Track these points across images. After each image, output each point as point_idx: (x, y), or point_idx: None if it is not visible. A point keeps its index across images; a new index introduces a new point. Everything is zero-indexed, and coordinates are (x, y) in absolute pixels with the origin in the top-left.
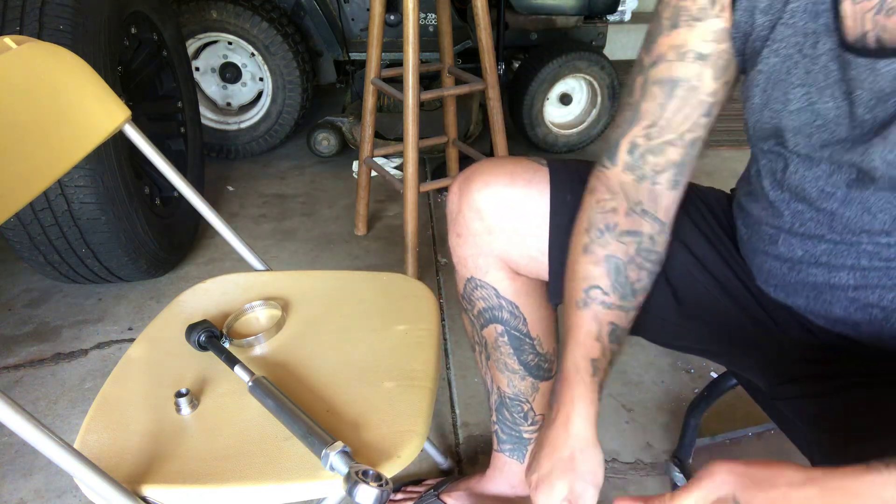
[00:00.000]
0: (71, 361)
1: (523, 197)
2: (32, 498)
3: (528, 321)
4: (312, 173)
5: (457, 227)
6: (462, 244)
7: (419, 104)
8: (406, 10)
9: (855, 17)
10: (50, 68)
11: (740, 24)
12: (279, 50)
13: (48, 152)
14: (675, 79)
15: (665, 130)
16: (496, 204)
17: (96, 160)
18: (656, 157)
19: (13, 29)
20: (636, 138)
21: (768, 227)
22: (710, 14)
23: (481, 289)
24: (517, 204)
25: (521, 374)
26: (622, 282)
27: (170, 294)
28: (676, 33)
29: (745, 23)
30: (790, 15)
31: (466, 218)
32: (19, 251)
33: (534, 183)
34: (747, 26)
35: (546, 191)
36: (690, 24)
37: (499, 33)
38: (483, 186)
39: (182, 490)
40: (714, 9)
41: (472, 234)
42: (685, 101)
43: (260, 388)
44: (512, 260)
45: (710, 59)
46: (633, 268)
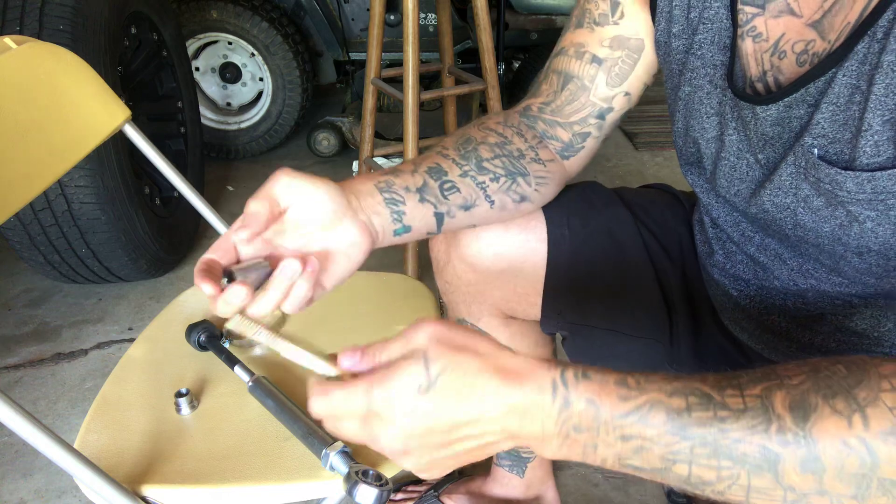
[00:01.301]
0: (71, 361)
1: (520, 245)
2: (32, 498)
3: None
4: (312, 173)
5: (445, 275)
6: (452, 291)
7: (419, 104)
8: (406, 10)
9: (756, 57)
10: (50, 68)
11: (660, 42)
12: (279, 50)
13: (48, 152)
14: (570, 73)
15: (556, 114)
16: (490, 255)
17: (96, 160)
18: (547, 125)
19: (13, 29)
20: (532, 106)
21: (707, 264)
22: (609, 21)
23: None
24: (514, 253)
25: None
26: (468, 148)
27: (170, 294)
28: (580, 32)
29: (664, 43)
30: (698, 46)
31: (457, 270)
32: (19, 251)
33: (529, 228)
34: (666, 46)
35: (543, 234)
36: (591, 27)
37: (499, 33)
38: (474, 238)
39: (182, 490)
40: (614, 16)
41: (465, 284)
42: (575, 95)
43: (260, 388)
44: (508, 307)
45: (605, 65)
46: (485, 147)
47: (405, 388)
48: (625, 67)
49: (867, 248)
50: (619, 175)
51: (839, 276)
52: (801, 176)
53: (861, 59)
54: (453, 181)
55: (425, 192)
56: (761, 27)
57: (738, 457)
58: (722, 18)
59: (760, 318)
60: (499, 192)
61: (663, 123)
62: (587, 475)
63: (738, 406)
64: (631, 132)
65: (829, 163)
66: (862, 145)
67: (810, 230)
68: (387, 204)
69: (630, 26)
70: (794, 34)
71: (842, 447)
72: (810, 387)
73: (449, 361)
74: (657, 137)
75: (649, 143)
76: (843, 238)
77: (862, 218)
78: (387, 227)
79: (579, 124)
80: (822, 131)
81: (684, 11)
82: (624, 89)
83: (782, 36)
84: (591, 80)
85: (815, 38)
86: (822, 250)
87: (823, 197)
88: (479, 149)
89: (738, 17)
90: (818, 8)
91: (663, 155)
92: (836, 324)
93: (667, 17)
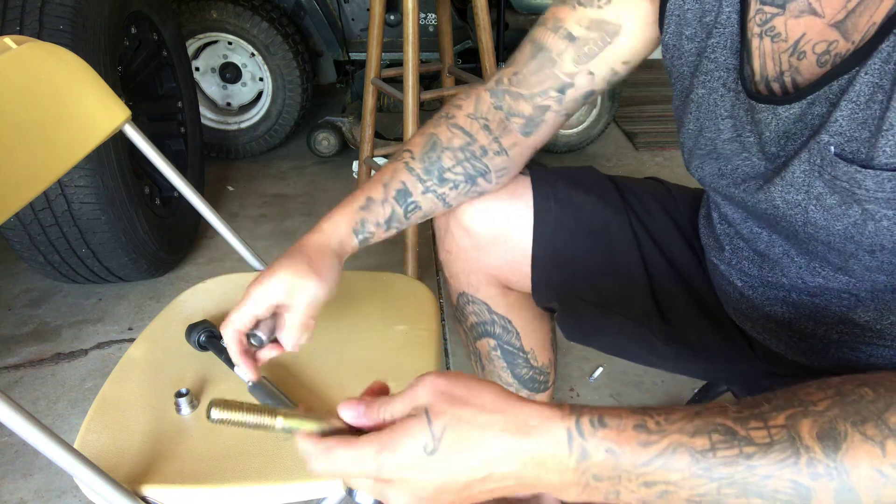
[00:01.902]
0: (71, 361)
1: (508, 209)
2: (32, 498)
3: (521, 335)
4: (312, 173)
5: (445, 244)
6: (453, 261)
7: (419, 104)
8: (406, 10)
9: (774, 57)
10: (50, 68)
11: (669, 45)
12: (279, 50)
13: (48, 152)
14: (541, 44)
15: (522, 84)
16: (483, 219)
17: (96, 160)
18: (512, 99)
19: (13, 29)
20: (503, 77)
21: (714, 259)
22: (594, 4)
23: (473, 304)
24: (503, 217)
25: (516, 388)
26: (432, 157)
27: (170, 294)
28: (562, 8)
29: (673, 46)
30: (711, 49)
31: (455, 235)
32: (19, 251)
33: (517, 195)
34: (676, 49)
35: (531, 203)
36: (574, 6)
37: (499, 33)
38: (468, 204)
39: (182, 490)
40: (600, 0)
41: (462, 250)
42: (542, 66)
43: (260, 388)
44: (503, 276)
45: (577, 42)
46: (449, 154)
47: (412, 451)
48: (594, 48)
49: (881, 246)
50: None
51: (847, 275)
52: (816, 173)
53: (885, 58)
54: (416, 201)
55: (392, 222)
56: (781, 27)
57: (769, 494)
58: (734, 23)
59: (764, 309)
60: (458, 197)
61: (663, 123)
62: None
63: (764, 440)
64: (631, 132)
65: (847, 160)
66: (882, 145)
67: (821, 228)
68: (360, 243)
69: (613, 12)
70: (815, 34)
71: (877, 476)
72: (838, 413)
73: (452, 417)
74: (657, 137)
75: (649, 143)
76: (856, 236)
77: (878, 216)
78: (349, 253)
79: (540, 96)
80: (840, 129)
81: (697, 15)
82: (588, 68)
83: (802, 36)
84: (560, 54)
85: (837, 38)
86: (831, 248)
87: (838, 195)
88: (442, 158)
89: (757, 17)
90: (841, 8)
91: (663, 155)
92: (839, 316)
93: (677, 21)
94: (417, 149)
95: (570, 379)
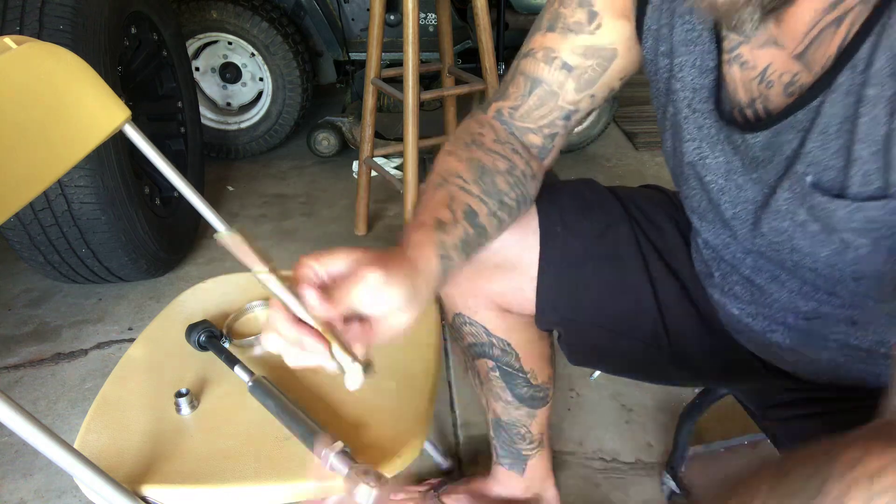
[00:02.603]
0: (71, 361)
1: (515, 240)
2: (32, 498)
3: (521, 356)
4: (312, 173)
5: None
6: (450, 285)
7: (419, 104)
8: (406, 10)
9: (745, 84)
10: (50, 68)
11: (647, 60)
12: (279, 50)
13: (48, 152)
14: (539, 78)
15: (525, 118)
16: (486, 250)
17: (96, 160)
18: (520, 133)
19: (13, 29)
20: (503, 109)
21: (707, 284)
22: (585, 30)
23: (470, 325)
24: (507, 246)
25: (516, 405)
26: (487, 181)
27: (170, 294)
28: (551, 36)
29: (650, 61)
30: (679, 68)
31: None
32: (19, 251)
33: (524, 222)
34: (652, 65)
35: (536, 229)
36: (564, 34)
37: (499, 33)
38: None
39: (182, 490)
40: (590, 26)
41: (464, 278)
42: (544, 101)
43: (260, 388)
44: (504, 301)
45: (575, 72)
46: (501, 179)
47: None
48: (594, 75)
49: (862, 274)
50: (619, 175)
51: (838, 298)
52: (798, 202)
53: (846, 91)
54: (484, 225)
55: (467, 247)
56: (747, 56)
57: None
58: (705, 41)
59: (766, 336)
60: (509, 223)
61: None
62: (587, 475)
63: None
64: (631, 132)
65: (822, 190)
66: (852, 174)
67: (807, 255)
68: (442, 269)
69: (606, 36)
70: (780, 65)
71: None
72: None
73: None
74: (657, 137)
75: (649, 143)
76: (839, 264)
77: (856, 245)
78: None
79: (548, 127)
80: (815, 159)
81: (670, 31)
82: (591, 93)
83: (769, 66)
84: (560, 86)
85: (800, 70)
86: (818, 274)
87: (819, 223)
88: (496, 182)
89: (725, 42)
90: (800, 42)
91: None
92: (841, 340)
93: (654, 35)
94: (466, 173)
95: (570, 379)
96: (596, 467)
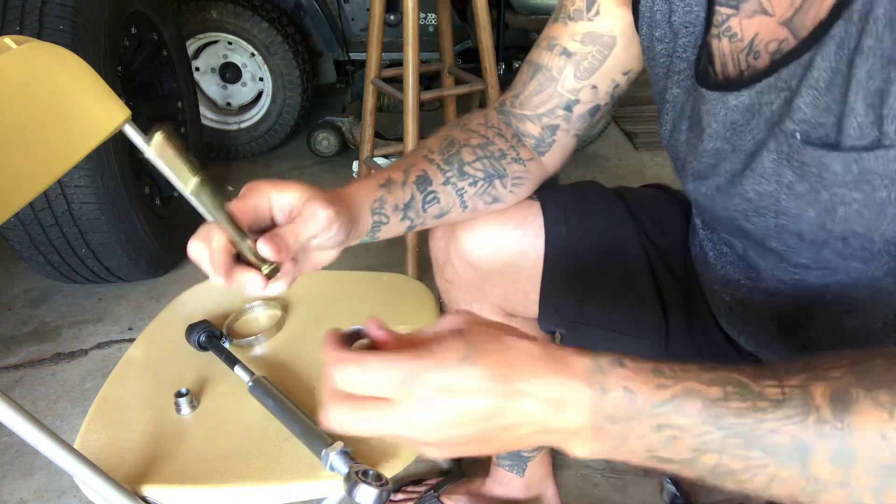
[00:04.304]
0: (71, 361)
1: (518, 241)
2: (32, 498)
3: None
4: (312, 173)
5: (445, 274)
6: (453, 289)
7: (419, 104)
8: (406, 10)
9: (733, 57)
10: (50, 68)
11: (644, 47)
12: (279, 50)
13: (48, 152)
14: (539, 64)
15: (524, 105)
16: (489, 251)
17: (96, 160)
18: (518, 122)
19: (13, 29)
20: (505, 100)
21: (702, 269)
22: (584, 17)
23: None
24: (511, 248)
25: None
26: (451, 151)
27: (170, 294)
28: (555, 26)
29: (647, 47)
30: (682, 49)
31: (457, 267)
32: (19, 251)
33: (527, 222)
34: (649, 51)
35: (541, 230)
36: (565, 22)
37: (499, 33)
38: (471, 235)
39: (182, 490)
40: (589, 13)
41: (465, 282)
42: (543, 86)
43: (260, 388)
44: (508, 305)
45: (574, 58)
46: (468, 150)
47: (449, 359)
48: (594, 62)
49: (852, 232)
50: (620, 175)
51: (823, 269)
52: (784, 162)
53: (839, 43)
54: (436, 191)
55: (409, 210)
56: (736, 27)
57: (770, 448)
58: (701, 22)
59: (753, 321)
60: (474, 197)
61: None
62: (587, 475)
63: (777, 396)
64: (631, 132)
65: (815, 145)
66: (846, 127)
67: (794, 217)
68: (372, 224)
69: (604, 23)
70: (767, 33)
71: (879, 440)
72: (853, 380)
73: (487, 335)
74: (657, 137)
75: (649, 143)
76: (828, 223)
77: (847, 200)
78: (360, 235)
79: (547, 115)
80: (804, 116)
81: (666, 16)
82: (591, 83)
83: (756, 35)
84: (560, 71)
85: (787, 35)
86: (803, 239)
87: (807, 182)
88: (461, 152)
89: (714, 17)
90: (789, 6)
91: (663, 155)
92: (827, 325)
93: (649, 21)
94: (435, 145)
95: None
96: (595, 468)
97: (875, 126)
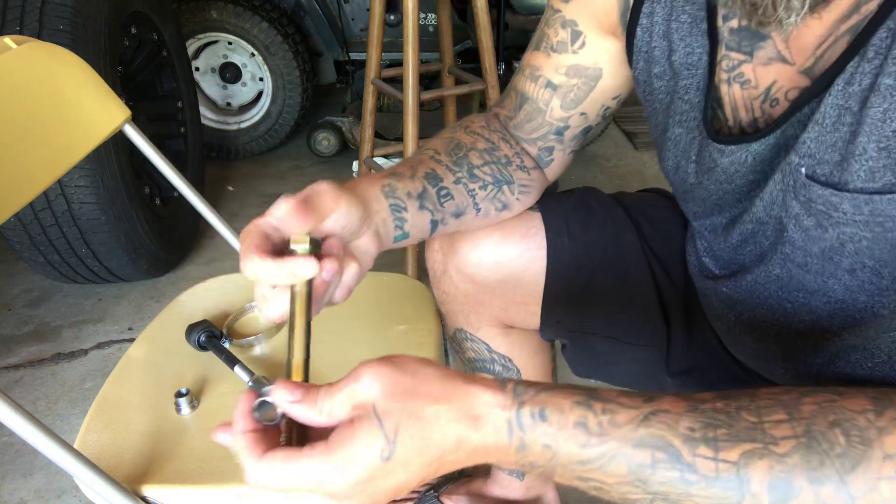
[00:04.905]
0: (71, 361)
1: (520, 254)
2: (32, 498)
3: (522, 371)
4: (312, 173)
5: (442, 285)
6: (450, 301)
7: (419, 104)
8: (406, 10)
9: (746, 104)
10: (50, 68)
11: (640, 80)
12: (279, 50)
13: (48, 152)
14: (526, 95)
15: (519, 129)
16: (490, 264)
17: (96, 160)
18: (515, 141)
19: (13, 29)
20: (500, 115)
21: (701, 287)
22: (568, 50)
23: (472, 342)
24: (514, 262)
25: None
26: (459, 154)
27: (170, 294)
28: (537, 55)
29: (644, 81)
30: (685, 90)
31: (455, 280)
32: (19, 251)
33: (530, 235)
34: (647, 85)
35: (542, 242)
36: (548, 53)
37: (499, 33)
38: (472, 247)
39: (182, 490)
40: (573, 45)
41: (462, 294)
42: (531, 116)
43: (260, 387)
44: (507, 317)
45: (560, 91)
46: (476, 154)
47: (368, 462)
48: (580, 94)
49: (861, 265)
50: (620, 175)
51: (826, 297)
52: (791, 194)
53: (847, 79)
54: (448, 188)
55: (424, 199)
56: (750, 74)
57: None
58: (705, 64)
59: (755, 343)
60: (485, 200)
61: None
62: None
63: (709, 472)
64: (631, 132)
65: (821, 183)
66: (855, 169)
67: (798, 249)
68: (391, 210)
69: (589, 56)
70: (786, 81)
71: None
72: (797, 462)
73: (402, 412)
74: None
75: (649, 144)
76: (835, 257)
77: (857, 238)
78: (389, 233)
79: (541, 140)
80: (809, 150)
81: (665, 54)
82: (579, 111)
83: (774, 83)
84: (546, 103)
85: (808, 83)
86: (807, 271)
87: (814, 217)
88: (469, 155)
89: (723, 62)
90: (811, 55)
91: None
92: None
93: (645, 57)
94: (440, 146)
95: (569, 378)
96: None
97: (889, 170)
